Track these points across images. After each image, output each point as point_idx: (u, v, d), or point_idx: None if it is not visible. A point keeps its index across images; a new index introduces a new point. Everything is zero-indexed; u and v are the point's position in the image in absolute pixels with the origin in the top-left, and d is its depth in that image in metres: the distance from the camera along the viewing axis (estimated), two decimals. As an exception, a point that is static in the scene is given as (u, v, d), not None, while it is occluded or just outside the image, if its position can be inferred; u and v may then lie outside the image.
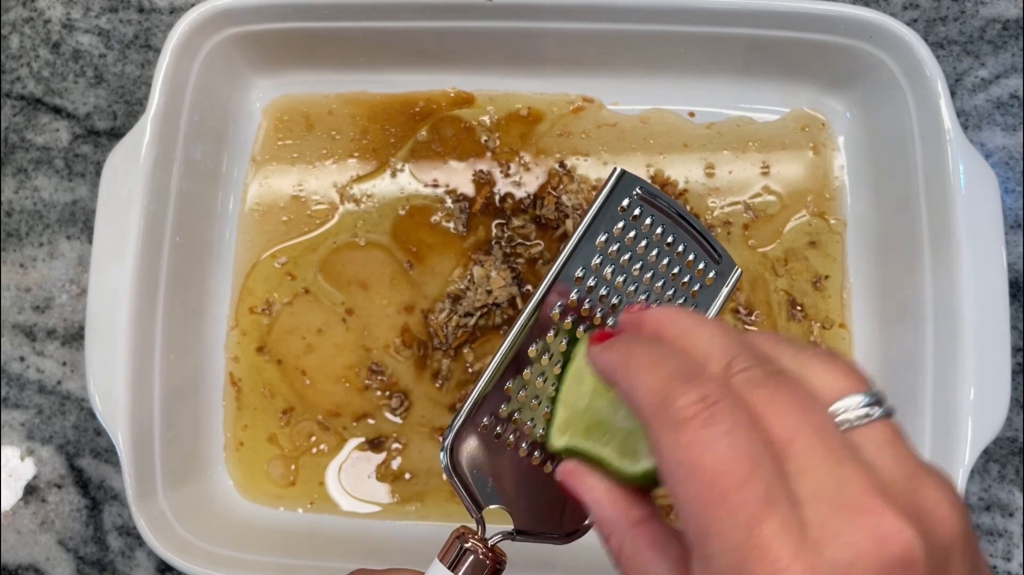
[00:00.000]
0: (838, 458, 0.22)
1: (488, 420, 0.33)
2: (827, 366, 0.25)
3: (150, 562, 0.51)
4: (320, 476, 0.51)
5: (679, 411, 0.23)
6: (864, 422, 0.23)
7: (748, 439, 0.22)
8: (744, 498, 0.21)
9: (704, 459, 0.22)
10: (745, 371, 0.24)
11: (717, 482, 0.22)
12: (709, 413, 0.22)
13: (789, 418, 0.23)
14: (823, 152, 0.53)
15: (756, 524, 0.21)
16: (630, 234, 0.35)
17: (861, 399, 0.24)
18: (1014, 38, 0.54)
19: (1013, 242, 0.53)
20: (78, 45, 0.55)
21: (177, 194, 0.48)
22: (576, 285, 0.34)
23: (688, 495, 0.22)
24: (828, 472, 0.22)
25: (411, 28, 0.50)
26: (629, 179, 0.35)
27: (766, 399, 0.23)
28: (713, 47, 0.50)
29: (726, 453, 0.22)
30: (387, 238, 0.53)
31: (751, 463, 0.22)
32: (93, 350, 0.45)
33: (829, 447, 0.22)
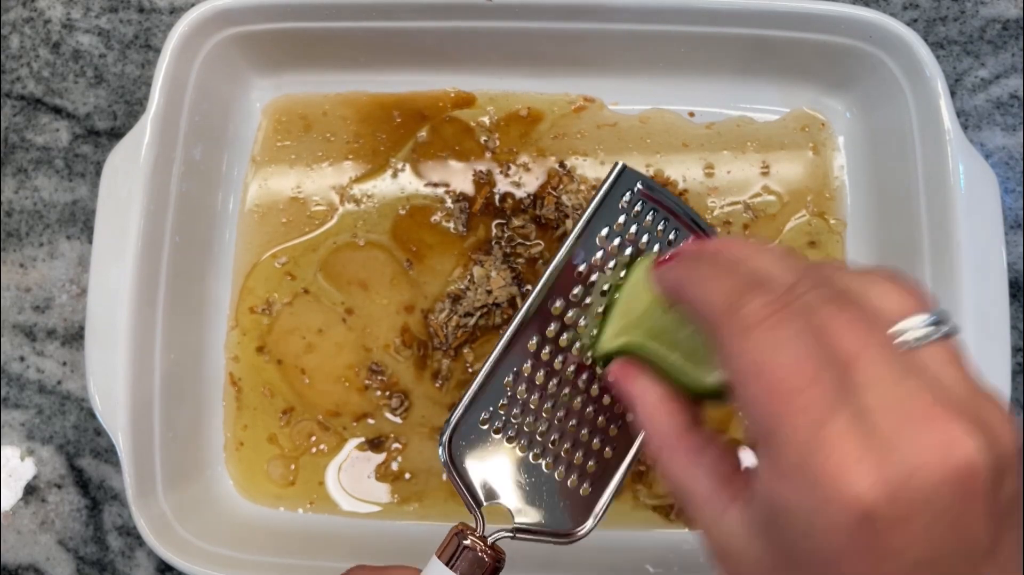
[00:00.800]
0: (903, 372, 0.22)
1: (487, 415, 0.33)
2: (891, 286, 0.25)
3: (150, 562, 0.51)
4: (320, 476, 0.51)
5: (748, 314, 0.24)
6: (927, 342, 0.24)
7: (816, 343, 0.23)
8: (812, 398, 0.22)
9: (773, 359, 0.23)
10: (809, 292, 0.24)
11: (785, 382, 0.22)
12: (777, 317, 0.23)
13: (854, 335, 0.23)
14: (823, 152, 0.53)
15: (823, 423, 0.22)
16: (631, 229, 0.34)
17: (924, 319, 0.24)
18: (1014, 38, 0.54)
19: (1013, 242, 0.53)
20: (78, 45, 0.55)
21: (177, 194, 0.48)
22: (578, 280, 0.34)
23: (755, 395, 0.23)
24: (894, 384, 0.22)
25: (411, 28, 0.50)
26: (630, 174, 0.35)
27: (831, 317, 0.23)
28: (713, 47, 0.50)
29: (794, 354, 0.22)
30: (387, 238, 0.53)
31: (818, 365, 0.22)
32: (93, 350, 0.45)
33: (894, 362, 0.23)
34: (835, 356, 0.23)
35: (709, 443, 0.28)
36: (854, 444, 0.21)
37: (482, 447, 0.33)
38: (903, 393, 0.22)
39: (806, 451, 0.22)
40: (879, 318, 0.24)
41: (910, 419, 0.22)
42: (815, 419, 0.22)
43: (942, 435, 0.21)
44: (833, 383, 0.22)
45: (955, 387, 0.23)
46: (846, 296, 0.24)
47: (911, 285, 0.25)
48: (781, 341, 0.23)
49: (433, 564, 0.31)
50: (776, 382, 0.22)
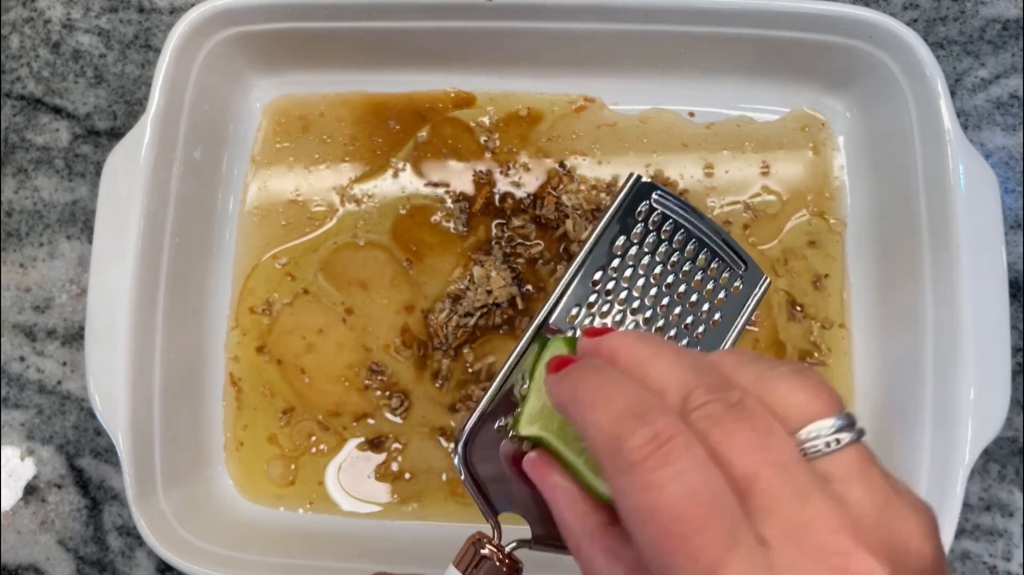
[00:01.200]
0: (803, 496, 0.21)
1: (503, 423, 0.32)
2: (795, 387, 0.24)
3: (150, 562, 0.51)
4: (320, 476, 0.51)
5: (631, 452, 0.22)
6: (834, 448, 0.23)
7: (705, 478, 0.21)
8: (704, 541, 0.21)
9: (660, 501, 0.21)
10: (703, 407, 0.23)
11: (675, 526, 0.21)
12: (662, 453, 0.22)
13: (750, 455, 0.22)
14: (823, 152, 0.53)
15: (718, 568, 0.20)
16: (648, 239, 0.33)
17: (831, 423, 0.23)
18: (1014, 38, 0.54)
19: (1013, 242, 0.53)
20: (78, 45, 0.55)
21: (177, 194, 0.48)
22: (593, 288, 0.33)
23: (647, 538, 0.22)
24: (794, 512, 0.21)
25: (411, 28, 0.50)
26: (646, 184, 0.34)
27: (726, 436, 0.22)
28: (713, 47, 0.50)
29: (682, 495, 0.21)
30: (387, 238, 0.53)
31: (709, 504, 0.21)
32: (93, 350, 0.45)
33: (794, 484, 0.21)
34: (731, 479, 0.22)
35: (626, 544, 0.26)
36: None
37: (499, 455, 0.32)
38: (803, 521, 0.21)
39: None
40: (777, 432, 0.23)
41: (813, 551, 0.21)
42: (709, 563, 0.21)
43: (846, 568, 0.20)
44: (727, 517, 0.21)
45: (864, 501, 0.22)
46: (743, 409, 0.23)
47: (816, 385, 0.24)
48: (666, 482, 0.21)
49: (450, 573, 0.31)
50: (666, 526, 0.21)
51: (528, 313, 0.52)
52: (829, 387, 0.24)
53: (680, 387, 0.24)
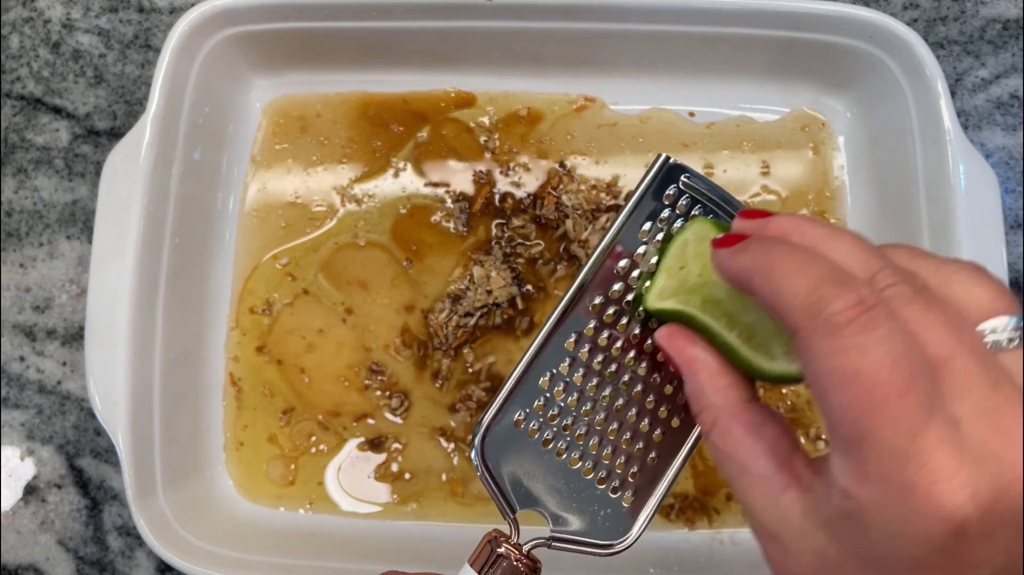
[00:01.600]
0: (996, 380, 0.22)
1: (522, 416, 0.31)
2: (976, 282, 0.24)
3: (150, 562, 0.51)
4: (320, 476, 0.51)
5: (834, 315, 0.22)
6: (1013, 345, 0.23)
7: (907, 347, 0.22)
8: (905, 406, 0.21)
9: (863, 364, 0.21)
10: (892, 287, 0.23)
11: (877, 389, 0.21)
12: (866, 318, 0.22)
13: (943, 337, 0.22)
14: (823, 152, 0.53)
15: (917, 432, 0.21)
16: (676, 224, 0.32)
17: (1010, 320, 0.23)
18: (1014, 38, 0.54)
19: (1013, 242, 0.53)
20: (78, 45, 0.55)
21: (177, 194, 0.48)
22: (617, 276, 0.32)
23: (844, 401, 0.22)
24: (987, 394, 0.22)
25: (411, 28, 0.50)
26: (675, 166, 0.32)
27: (917, 316, 0.22)
28: (713, 47, 0.50)
29: (886, 359, 0.21)
30: (387, 238, 0.53)
31: (912, 371, 0.21)
32: (93, 350, 0.45)
33: (986, 368, 0.22)
34: (925, 359, 0.22)
35: (768, 421, 0.26)
36: (948, 456, 0.21)
37: (517, 450, 0.31)
38: (995, 403, 0.22)
39: (899, 460, 0.21)
40: (965, 316, 0.23)
41: (1004, 432, 0.21)
42: (908, 429, 0.21)
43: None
44: (926, 387, 0.21)
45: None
46: (930, 293, 0.23)
47: (996, 283, 0.24)
48: (870, 346, 0.21)
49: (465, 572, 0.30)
50: (867, 388, 0.21)
51: (528, 313, 0.52)
52: (1007, 287, 0.25)
53: (865, 267, 0.24)
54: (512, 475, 0.31)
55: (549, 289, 0.52)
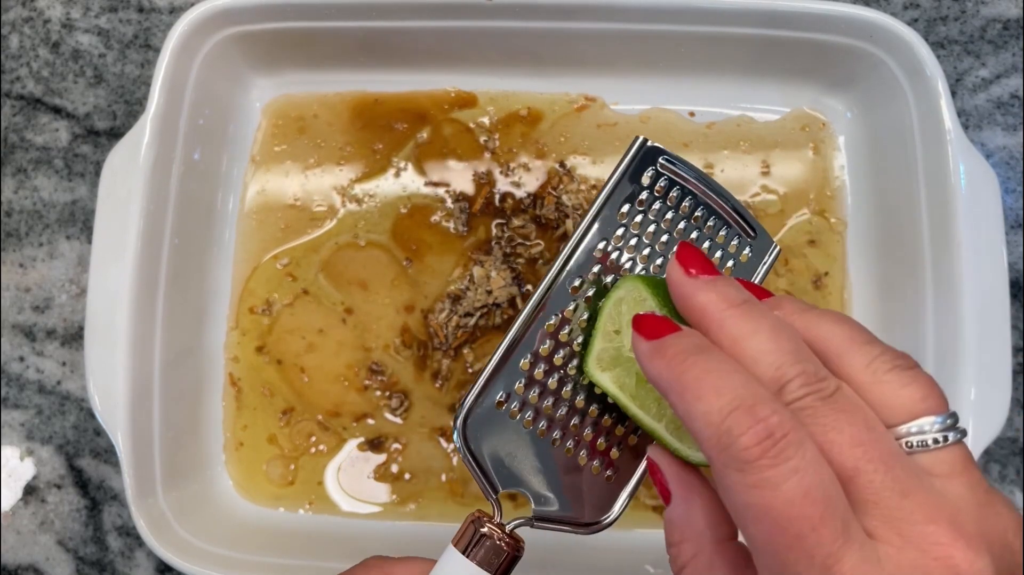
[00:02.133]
0: (904, 489, 0.22)
1: (503, 397, 0.31)
2: (906, 381, 0.24)
3: (150, 562, 0.51)
4: (319, 476, 0.51)
5: (744, 451, 0.22)
6: (940, 446, 0.23)
7: (818, 476, 0.21)
8: (819, 539, 0.21)
9: (775, 501, 0.21)
10: (801, 399, 0.23)
11: (791, 525, 0.21)
12: (776, 450, 0.22)
13: (850, 450, 0.22)
14: (823, 152, 0.53)
15: (833, 564, 0.21)
16: (654, 206, 0.32)
17: (937, 421, 0.23)
18: (1014, 38, 0.54)
19: (1013, 242, 0.53)
20: (78, 45, 0.55)
21: (177, 194, 0.48)
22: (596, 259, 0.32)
23: (761, 535, 0.22)
24: (895, 504, 0.22)
25: (411, 28, 0.50)
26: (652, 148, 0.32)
27: (826, 430, 0.22)
28: (713, 47, 0.50)
29: (796, 493, 0.21)
30: (387, 238, 0.53)
31: (824, 502, 0.21)
32: (93, 350, 0.45)
33: (895, 477, 0.22)
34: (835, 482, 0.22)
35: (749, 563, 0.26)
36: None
37: (499, 431, 0.31)
38: (906, 513, 0.21)
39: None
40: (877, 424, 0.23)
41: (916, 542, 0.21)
42: (824, 559, 0.21)
43: (949, 558, 0.21)
44: (840, 514, 0.21)
45: (964, 498, 0.22)
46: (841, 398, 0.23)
47: (927, 383, 0.24)
48: (780, 481, 0.21)
49: (449, 553, 0.30)
50: (781, 526, 0.21)
51: (528, 313, 0.52)
52: (938, 385, 0.24)
53: (775, 374, 0.24)
54: (494, 456, 0.31)
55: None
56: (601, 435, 0.32)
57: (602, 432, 0.32)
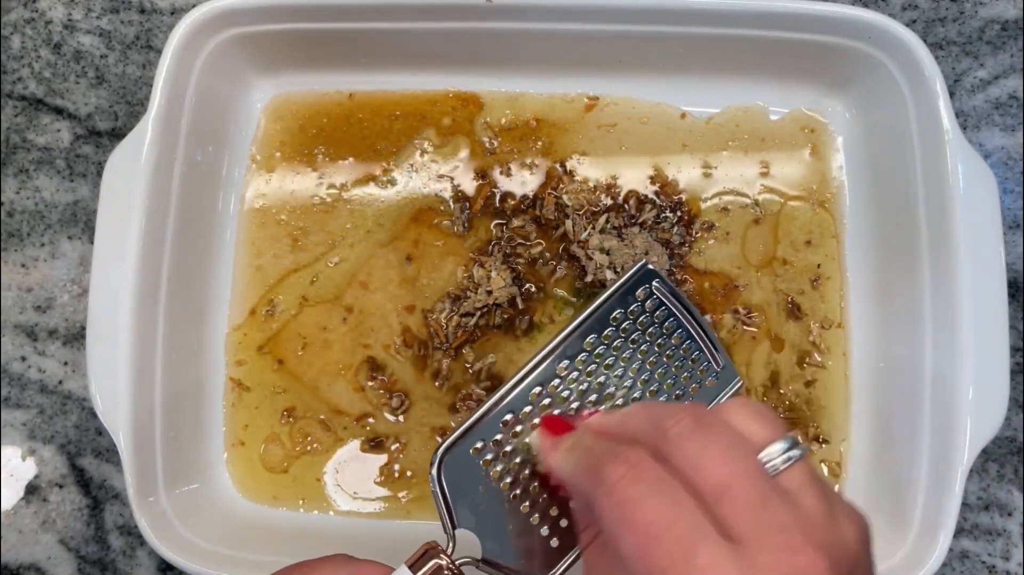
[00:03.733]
0: (764, 501, 0.25)
1: (481, 445, 0.34)
2: (747, 416, 0.28)
3: (151, 561, 0.51)
4: (320, 476, 0.51)
5: (609, 477, 0.27)
6: (788, 466, 0.27)
7: (670, 488, 0.26)
8: (676, 535, 0.25)
9: (636, 511, 0.25)
10: (677, 424, 0.27)
11: (650, 527, 0.25)
12: (633, 474, 0.26)
13: (721, 466, 0.26)
14: (822, 152, 0.53)
15: (692, 555, 0.24)
16: (641, 318, 0.37)
17: (782, 445, 0.27)
18: (1013, 39, 0.54)
19: (1012, 242, 0.53)
20: (79, 46, 0.56)
21: (178, 194, 0.48)
22: (586, 348, 0.36)
23: (630, 544, 0.25)
24: (756, 513, 0.25)
25: (411, 28, 0.50)
26: (650, 272, 0.37)
27: (699, 448, 0.26)
28: (713, 48, 0.50)
29: (652, 502, 0.25)
30: (388, 238, 0.53)
31: (674, 506, 0.25)
32: (94, 350, 0.45)
33: (758, 490, 0.25)
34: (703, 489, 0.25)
35: None
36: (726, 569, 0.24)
37: (469, 474, 0.34)
38: (765, 521, 0.25)
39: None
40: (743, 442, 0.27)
41: (772, 545, 0.24)
42: (684, 552, 0.24)
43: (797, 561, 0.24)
44: (692, 515, 0.25)
45: (814, 508, 0.26)
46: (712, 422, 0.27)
47: (767, 413, 0.28)
48: (639, 492, 0.26)
49: (402, 572, 0.32)
50: (643, 529, 0.25)
51: (528, 313, 0.52)
52: (775, 415, 0.29)
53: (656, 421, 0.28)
54: (459, 495, 0.34)
55: (549, 289, 0.52)
56: (555, 504, 0.35)
57: (556, 501, 0.35)
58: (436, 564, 0.32)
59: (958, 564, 0.51)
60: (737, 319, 0.52)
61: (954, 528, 0.43)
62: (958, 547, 0.50)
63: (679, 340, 0.37)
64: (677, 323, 0.37)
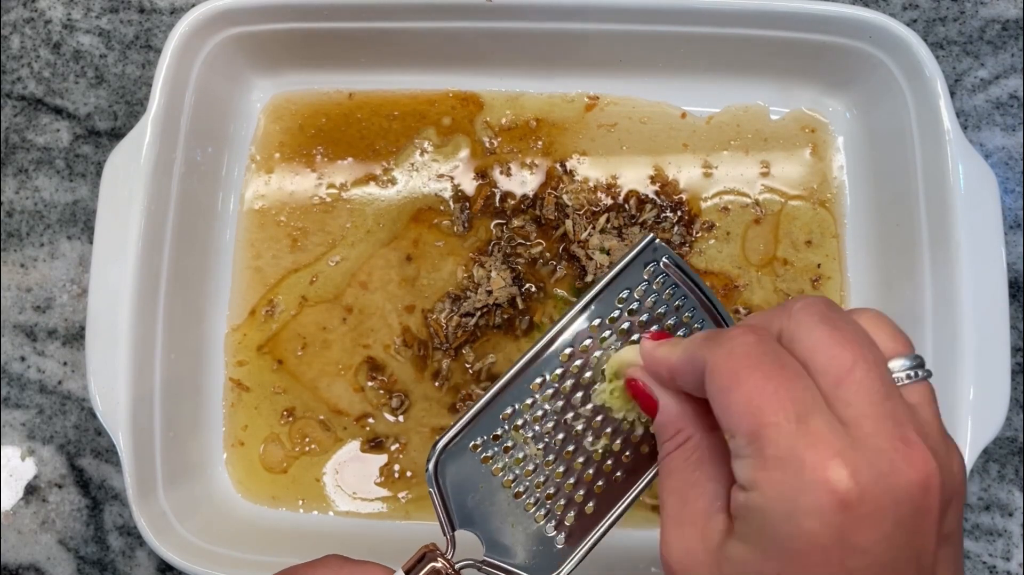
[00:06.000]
0: (887, 392, 0.25)
1: (479, 442, 0.33)
2: (878, 326, 0.27)
3: (151, 562, 0.51)
4: (319, 476, 0.51)
5: (731, 339, 0.26)
6: (912, 381, 0.26)
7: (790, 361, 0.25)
8: (793, 396, 0.24)
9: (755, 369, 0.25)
10: (806, 307, 0.26)
11: (767, 384, 0.24)
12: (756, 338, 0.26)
13: (847, 351, 0.25)
14: (823, 152, 0.53)
15: (805, 418, 0.24)
16: (650, 298, 0.34)
17: (906, 362, 0.27)
18: (1013, 38, 0.54)
19: (1013, 242, 0.53)
20: (79, 45, 0.56)
21: (177, 194, 0.48)
22: (591, 332, 0.34)
23: (741, 399, 0.25)
24: (877, 401, 0.24)
25: (411, 28, 0.50)
26: (658, 247, 0.35)
27: (828, 332, 0.25)
28: (713, 47, 0.50)
29: (771, 366, 0.25)
30: (387, 238, 0.53)
31: (794, 375, 0.25)
32: (94, 350, 0.45)
33: (882, 379, 0.25)
34: (824, 369, 0.25)
35: None
36: (835, 440, 0.24)
37: (468, 472, 0.32)
38: (883, 410, 0.24)
39: (791, 441, 0.24)
40: (871, 339, 0.26)
41: (887, 432, 0.24)
42: (799, 414, 0.24)
43: (911, 452, 0.24)
44: (812, 392, 0.24)
45: (931, 422, 0.26)
46: (844, 314, 0.26)
47: (896, 327, 0.28)
48: (759, 355, 0.25)
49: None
50: (758, 386, 0.24)
51: (528, 313, 0.52)
52: (903, 332, 0.28)
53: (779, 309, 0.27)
54: (458, 494, 0.32)
55: (549, 289, 0.52)
56: (562, 498, 0.33)
57: (563, 496, 0.33)
58: (434, 568, 0.31)
59: (959, 564, 0.50)
60: (737, 319, 0.52)
61: (955, 528, 0.43)
62: (959, 547, 0.50)
63: (690, 320, 0.35)
64: (688, 302, 0.35)
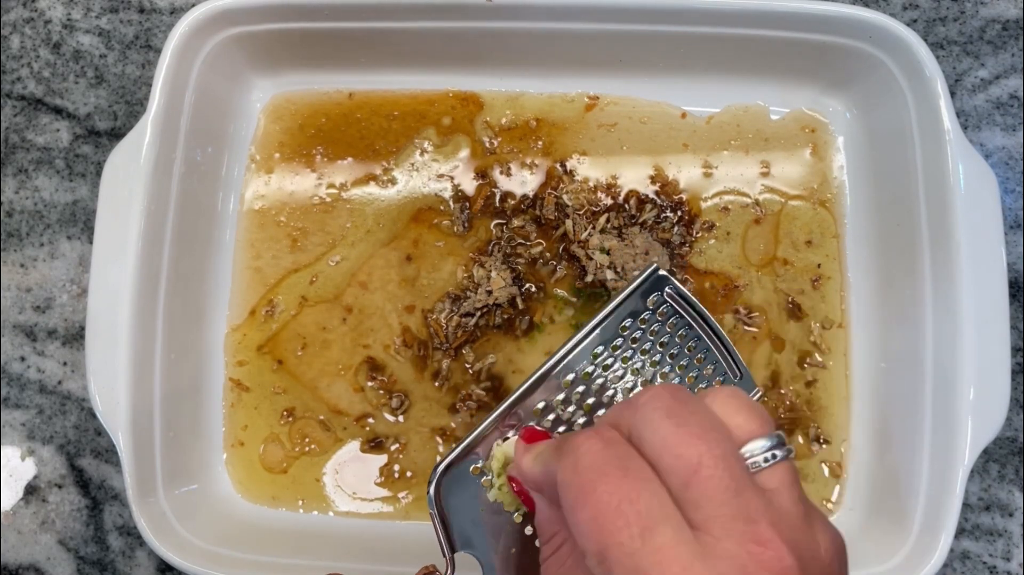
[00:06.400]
0: (737, 487, 0.24)
1: (482, 464, 0.33)
2: (736, 407, 0.26)
3: (150, 562, 0.51)
4: (319, 476, 0.51)
5: (576, 449, 0.25)
6: (770, 463, 0.25)
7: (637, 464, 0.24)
8: (637, 510, 0.23)
9: (598, 482, 0.24)
10: (652, 400, 0.25)
11: (611, 498, 0.23)
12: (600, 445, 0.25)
13: (693, 447, 0.24)
14: (823, 152, 0.53)
15: (650, 534, 0.23)
16: (653, 327, 0.35)
17: (764, 442, 0.25)
18: (1014, 38, 0.54)
19: (1013, 242, 0.53)
20: (79, 45, 0.55)
21: (177, 194, 0.48)
22: (593, 360, 0.34)
23: (587, 517, 0.24)
24: (727, 499, 0.23)
25: (411, 28, 0.50)
26: (662, 278, 0.35)
27: (674, 427, 0.24)
28: (713, 48, 0.50)
29: (616, 475, 0.24)
30: (387, 238, 0.53)
31: (640, 482, 0.24)
32: (94, 350, 0.45)
33: (732, 476, 0.24)
34: (671, 469, 0.24)
35: None
36: (683, 553, 0.22)
37: (468, 496, 0.32)
38: (734, 509, 0.23)
39: (635, 562, 0.23)
40: (722, 430, 0.25)
41: (738, 536, 0.23)
42: (644, 529, 0.23)
43: (764, 553, 0.23)
44: (659, 499, 0.23)
45: (789, 510, 0.24)
46: (694, 407, 0.25)
47: (755, 407, 0.27)
48: (603, 464, 0.24)
49: None
50: (602, 500, 0.23)
51: (528, 313, 0.52)
52: (763, 409, 0.27)
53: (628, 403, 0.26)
54: (458, 517, 0.32)
55: (549, 289, 0.52)
56: None
57: None
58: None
59: (959, 565, 0.50)
60: (738, 319, 0.52)
61: (955, 528, 0.43)
62: (959, 547, 0.50)
63: (694, 350, 0.35)
64: (692, 332, 0.35)
